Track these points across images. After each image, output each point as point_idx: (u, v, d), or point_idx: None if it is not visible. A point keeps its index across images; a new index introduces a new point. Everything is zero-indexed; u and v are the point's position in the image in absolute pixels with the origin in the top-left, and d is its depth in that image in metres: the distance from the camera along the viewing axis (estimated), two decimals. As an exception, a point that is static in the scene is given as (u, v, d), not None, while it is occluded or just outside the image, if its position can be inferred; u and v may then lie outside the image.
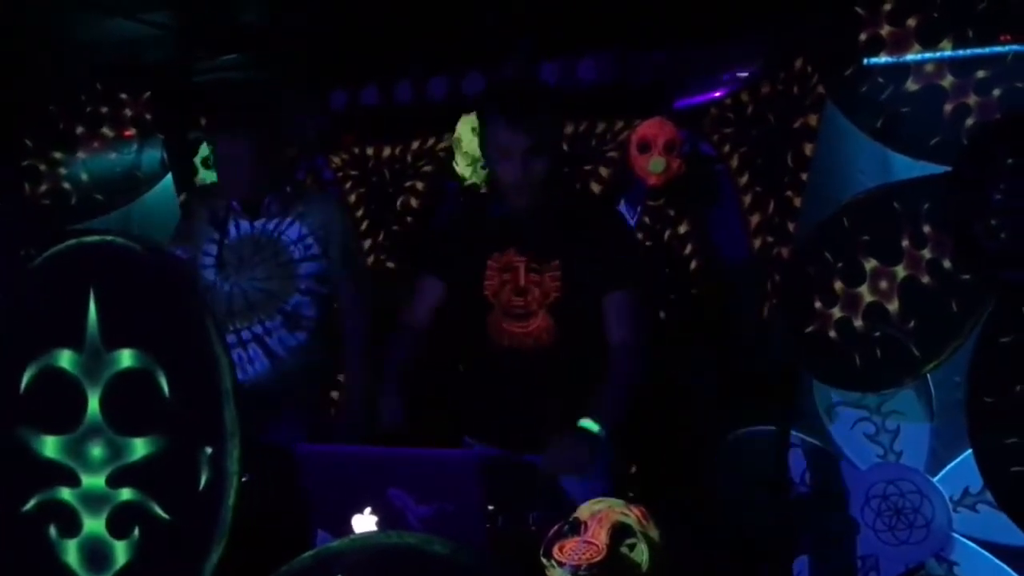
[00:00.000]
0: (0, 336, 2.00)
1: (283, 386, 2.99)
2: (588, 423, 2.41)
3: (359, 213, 4.25)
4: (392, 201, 4.20)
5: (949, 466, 3.24)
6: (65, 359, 1.93)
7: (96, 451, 1.91)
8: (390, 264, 4.17)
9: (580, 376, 2.58)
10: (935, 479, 3.26)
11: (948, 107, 3.04)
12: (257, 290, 3.01)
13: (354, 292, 3.12)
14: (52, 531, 1.95)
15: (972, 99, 3.02)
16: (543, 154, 2.51)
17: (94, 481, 1.92)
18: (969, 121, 3.01)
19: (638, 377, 2.56)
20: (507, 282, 2.62)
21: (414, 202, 4.15)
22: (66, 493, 1.94)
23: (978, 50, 3.00)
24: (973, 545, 3.21)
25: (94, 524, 1.93)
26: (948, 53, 3.04)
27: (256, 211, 3.04)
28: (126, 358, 1.90)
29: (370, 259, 4.22)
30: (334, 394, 3.82)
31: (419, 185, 4.14)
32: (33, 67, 4.32)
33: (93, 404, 1.92)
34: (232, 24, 4.23)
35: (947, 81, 3.05)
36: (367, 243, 4.23)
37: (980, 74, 3.01)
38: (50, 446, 1.95)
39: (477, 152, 3.84)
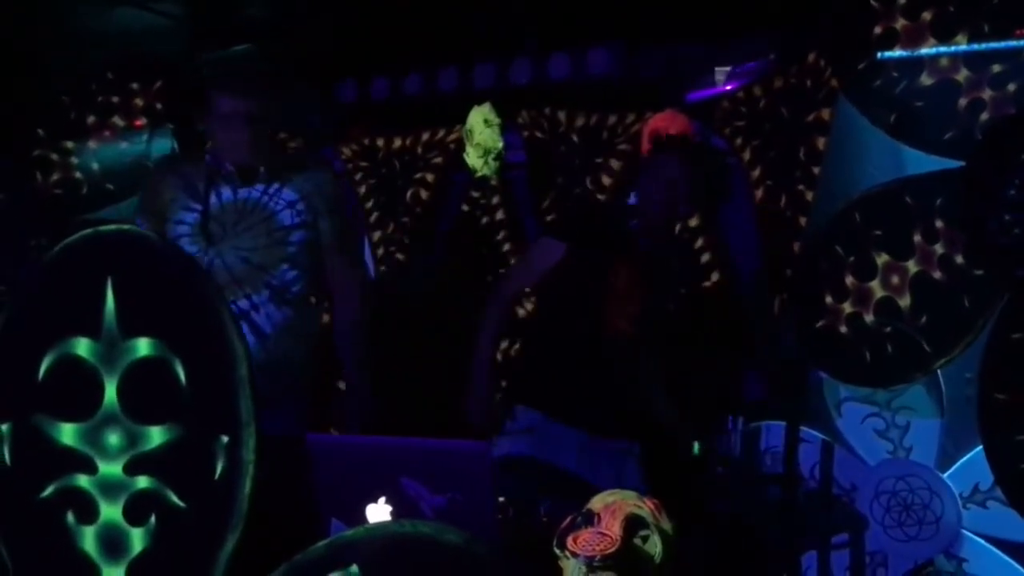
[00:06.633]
0: (18, 325, 2.01)
1: (272, 369, 2.66)
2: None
3: (368, 204, 4.25)
4: (402, 193, 4.20)
5: (959, 462, 3.24)
6: (83, 347, 1.93)
7: (113, 439, 1.91)
8: (400, 256, 4.16)
9: None
10: (945, 475, 3.26)
11: (963, 102, 3.04)
12: (241, 261, 2.76)
13: (345, 268, 2.89)
14: (70, 518, 1.95)
15: (987, 93, 3.01)
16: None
17: (111, 469, 1.92)
18: (984, 116, 3.01)
19: None
20: None
21: (424, 194, 4.15)
22: (83, 480, 1.94)
23: (993, 44, 2.99)
24: (983, 542, 3.21)
25: (111, 511, 1.93)
26: (963, 47, 3.03)
27: (249, 177, 2.80)
28: (143, 347, 1.90)
29: (380, 251, 4.23)
30: (341, 384, 3.73)
31: (429, 177, 4.13)
32: (44, 57, 4.32)
33: (110, 392, 1.92)
34: (242, 15, 4.22)
35: (962, 75, 3.05)
36: (376, 235, 4.23)
37: (995, 68, 3.00)
38: (67, 433, 1.95)
39: (488, 143, 3.84)
